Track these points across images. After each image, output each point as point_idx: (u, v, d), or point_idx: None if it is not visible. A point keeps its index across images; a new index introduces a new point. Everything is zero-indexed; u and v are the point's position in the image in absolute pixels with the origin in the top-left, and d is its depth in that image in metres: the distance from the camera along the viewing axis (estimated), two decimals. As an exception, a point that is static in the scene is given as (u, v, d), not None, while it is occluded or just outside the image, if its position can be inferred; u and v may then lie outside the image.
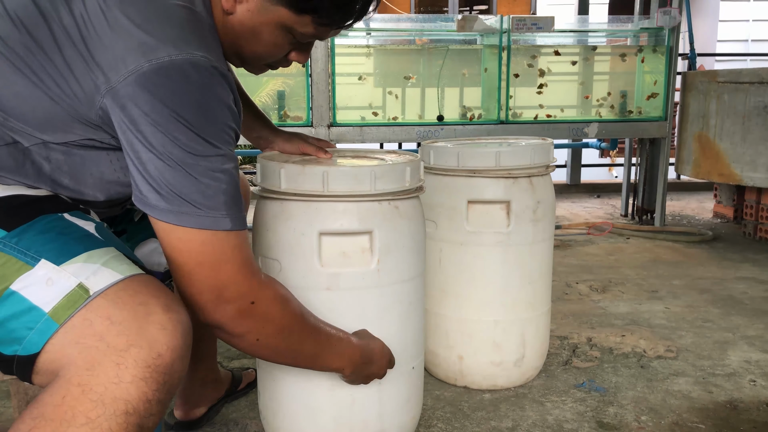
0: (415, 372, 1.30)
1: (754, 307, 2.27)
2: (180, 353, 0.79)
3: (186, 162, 0.81)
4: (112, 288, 0.79)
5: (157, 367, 0.76)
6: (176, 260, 0.86)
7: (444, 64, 3.27)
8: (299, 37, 0.98)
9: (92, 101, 0.83)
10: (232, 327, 0.90)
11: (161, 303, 0.80)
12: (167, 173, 0.81)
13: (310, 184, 1.12)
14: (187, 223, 0.83)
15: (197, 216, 0.83)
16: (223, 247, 0.86)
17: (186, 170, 0.81)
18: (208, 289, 0.86)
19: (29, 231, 0.81)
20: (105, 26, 0.82)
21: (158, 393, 0.76)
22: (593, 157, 5.83)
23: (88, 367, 0.74)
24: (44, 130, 0.86)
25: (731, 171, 3.19)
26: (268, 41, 0.97)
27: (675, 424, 1.48)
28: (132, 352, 0.75)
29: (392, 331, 1.20)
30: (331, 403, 1.21)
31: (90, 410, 0.73)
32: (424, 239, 1.28)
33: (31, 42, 0.84)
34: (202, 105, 0.82)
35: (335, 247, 1.15)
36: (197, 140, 0.82)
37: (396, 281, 1.20)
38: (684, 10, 3.40)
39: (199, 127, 0.82)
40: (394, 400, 1.26)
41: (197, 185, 0.82)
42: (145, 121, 0.80)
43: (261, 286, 0.92)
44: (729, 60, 9.23)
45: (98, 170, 0.91)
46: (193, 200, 0.82)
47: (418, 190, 1.23)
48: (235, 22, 0.94)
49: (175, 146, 0.80)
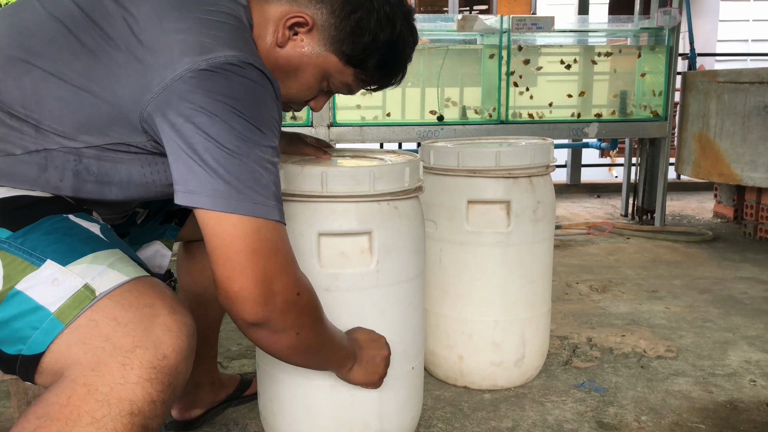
0: (415, 372, 1.30)
1: (754, 307, 2.27)
2: (185, 355, 0.80)
3: (242, 150, 0.82)
4: (118, 289, 0.80)
5: (162, 369, 0.77)
6: (226, 250, 0.83)
7: (444, 64, 3.27)
8: (333, 86, 1.03)
9: (142, 98, 0.84)
10: (277, 321, 0.89)
11: (167, 305, 0.81)
12: (224, 160, 0.81)
13: (308, 184, 1.12)
14: (243, 210, 0.82)
15: (253, 203, 0.83)
16: (274, 236, 0.86)
17: (243, 158, 0.82)
18: (259, 280, 0.84)
19: (34, 231, 0.81)
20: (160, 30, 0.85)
21: (163, 394, 0.77)
22: (593, 157, 5.83)
23: (94, 367, 0.75)
24: (81, 133, 0.86)
25: (731, 171, 3.19)
26: (304, 82, 1.01)
27: (675, 424, 1.48)
28: (138, 353, 0.76)
29: (392, 332, 1.20)
30: (330, 403, 1.21)
31: (95, 410, 0.73)
32: (423, 239, 1.28)
33: (77, 45, 0.85)
34: (256, 99, 0.85)
35: (334, 247, 1.15)
36: (253, 130, 0.83)
37: (395, 282, 1.19)
38: (684, 10, 3.40)
39: (253, 118, 0.84)
40: (394, 401, 1.25)
41: (253, 173, 0.83)
42: (201, 112, 0.81)
43: (303, 276, 0.94)
44: (729, 60, 9.24)
45: (128, 173, 0.92)
46: (250, 187, 0.83)
47: (417, 190, 1.22)
48: (282, 56, 0.98)
49: (232, 134, 0.82)
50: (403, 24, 1.01)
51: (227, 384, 1.53)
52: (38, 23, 0.87)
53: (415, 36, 1.05)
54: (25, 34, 0.87)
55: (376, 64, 1.01)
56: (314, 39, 0.98)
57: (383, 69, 1.03)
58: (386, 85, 1.08)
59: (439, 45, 3.32)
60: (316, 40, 0.98)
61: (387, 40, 0.99)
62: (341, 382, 1.17)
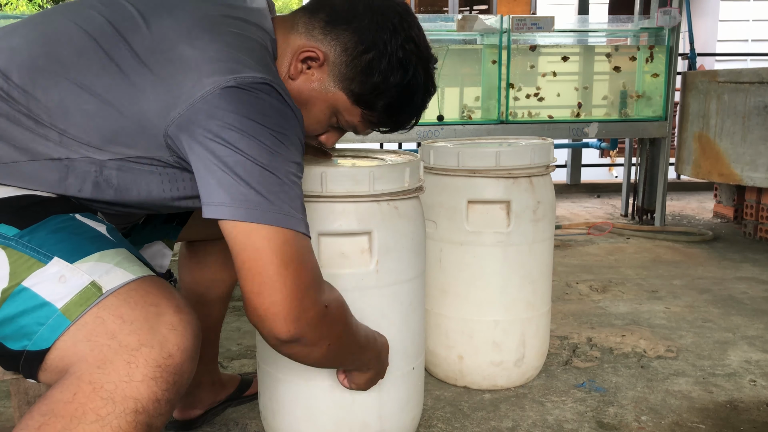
0: (416, 372, 1.30)
1: (754, 307, 2.27)
2: (190, 354, 0.81)
3: (273, 164, 0.84)
4: (125, 287, 0.80)
5: (167, 367, 0.77)
6: (257, 262, 0.83)
7: (444, 64, 3.27)
8: (342, 123, 1.04)
9: (165, 118, 0.85)
10: (310, 336, 0.88)
11: (172, 304, 0.82)
12: (256, 172, 0.82)
13: (308, 184, 1.12)
14: (274, 220, 0.83)
15: (284, 214, 0.84)
16: (301, 249, 0.86)
17: (273, 171, 0.84)
18: (290, 295, 0.84)
19: (41, 230, 0.82)
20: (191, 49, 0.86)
21: (168, 393, 0.77)
22: (593, 157, 5.83)
23: (100, 364, 0.75)
24: (105, 146, 0.87)
25: (731, 171, 3.19)
26: (314, 116, 1.02)
27: (675, 424, 1.48)
28: (143, 351, 0.76)
29: (392, 332, 1.20)
30: (331, 403, 1.21)
31: (100, 408, 0.73)
32: (424, 239, 1.28)
33: (106, 60, 0.86)
34: (282, 115, 0.87)
35: (334, 247, 1.15)
36: (281, 146, 0.85)
37: (395, 282, 1.20)
38: (684, 10, 3.40)
39: (281, 135, 0.85)
40: (395, 401, 1.26)
41: (282, 186, 0.84)
42: (231, 128, 0.82)
43: (330, 287, 0.95)
44: (729, 60, 9.24)
45: (147, 187, 0.92)
46: (281, 198, 0.84)
47: (417, 190, 1.22)
48: (294, 88, 0.99)
49: (263, 148, 0.83)
50: (418, 70, 1.01)
51: (228, 384, 1.53)
52: (68, 35, 0.88)
53: (432, 84, 1.05)
54: (56, 45, 0.88)
55: (384, 107, 1.01)
56: (325, 74, 0.99)
57: (391, 112, 1.03)
58: (395, 129, 1.08)
59: (439, 45, 3.32)
60: (327, 76, 0.99)
61: (397, 83, 0.99)
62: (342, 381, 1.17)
